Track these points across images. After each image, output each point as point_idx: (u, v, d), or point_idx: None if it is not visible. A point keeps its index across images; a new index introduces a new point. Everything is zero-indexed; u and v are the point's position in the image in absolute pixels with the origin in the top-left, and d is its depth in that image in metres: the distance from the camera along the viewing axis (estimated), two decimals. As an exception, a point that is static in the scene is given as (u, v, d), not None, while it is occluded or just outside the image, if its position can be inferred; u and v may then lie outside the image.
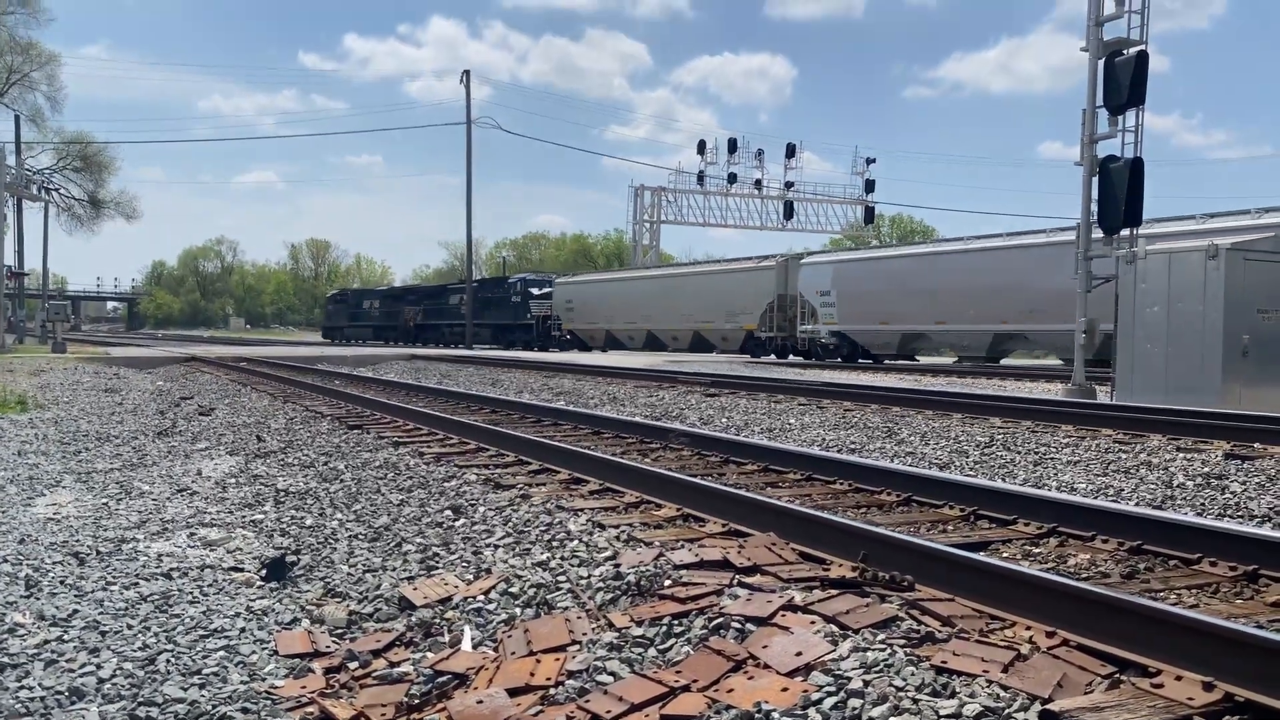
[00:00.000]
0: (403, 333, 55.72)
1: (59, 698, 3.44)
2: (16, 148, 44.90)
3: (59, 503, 7.03)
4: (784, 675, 3.05)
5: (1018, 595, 3.47)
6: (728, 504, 5.15)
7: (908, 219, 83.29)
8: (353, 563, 5.18)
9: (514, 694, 3.27)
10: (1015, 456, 8.40)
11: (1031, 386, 18.23)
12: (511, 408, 12.52)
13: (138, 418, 13.06)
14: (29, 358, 29.20)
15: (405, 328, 55.65)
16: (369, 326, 60.89)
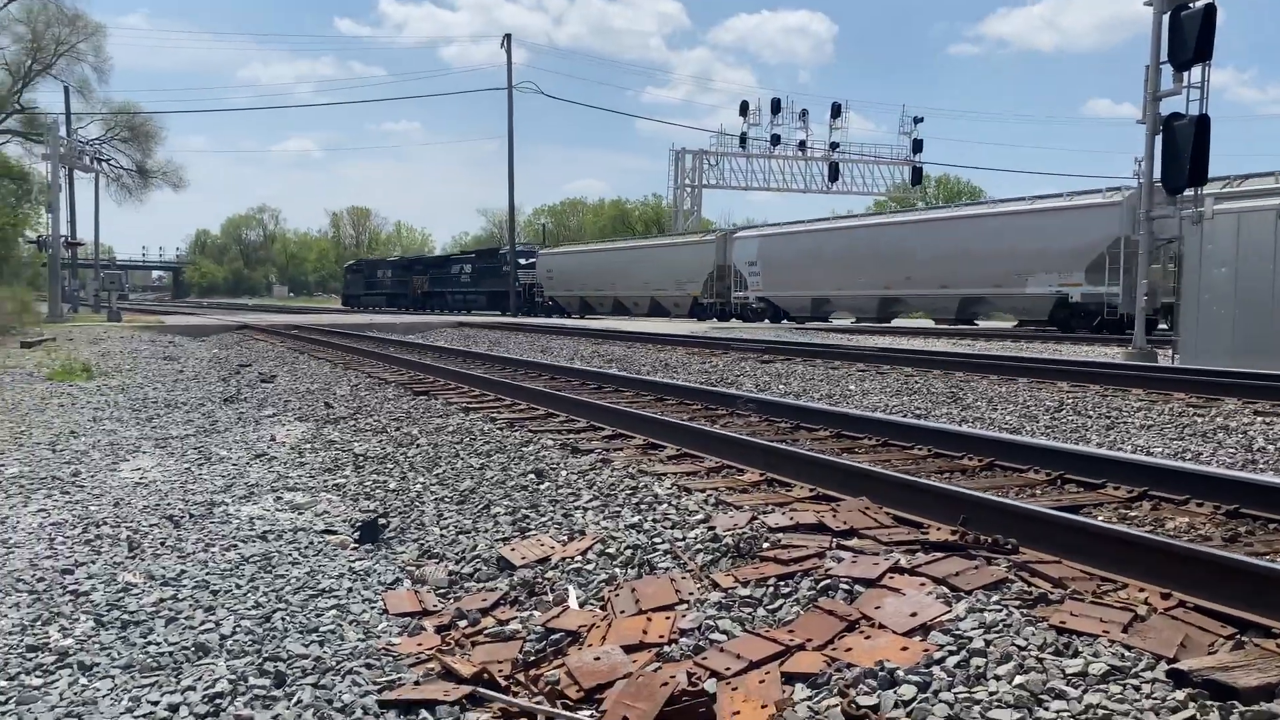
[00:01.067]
0: (411, 299, 59.53)
1: (185, 653, 3.56)
2: (66, 119, 45.54)
3: (143, 467, 7.21)
4: (901, 635, 3.08)
5: (1127, 557, 3.47)
6: (814, 469, 5.17)
7: (954, 180, 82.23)
8: (444, 525, 5.28)
9: (629, 650, 3.33)
10: (1087, 421, 8.33)
11: (1089, 350, 18.01)
12: (570, 374, 12.60)
13: (201, 385, 13.31)
14: (86, 326, 29.80)
15: (414, 295, 59.49)
16: (382, 294, 64.98)
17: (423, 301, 58.22)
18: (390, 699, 3.10)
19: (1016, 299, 27.00)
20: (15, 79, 48.44)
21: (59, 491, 6.25)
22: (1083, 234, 24.52)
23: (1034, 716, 2.55)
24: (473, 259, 55.70)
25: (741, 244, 37.09)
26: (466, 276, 54.42)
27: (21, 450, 7.70)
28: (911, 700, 2.70)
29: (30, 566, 4.59)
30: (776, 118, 52.02)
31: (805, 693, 2.88)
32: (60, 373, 14.03)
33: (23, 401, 10.89)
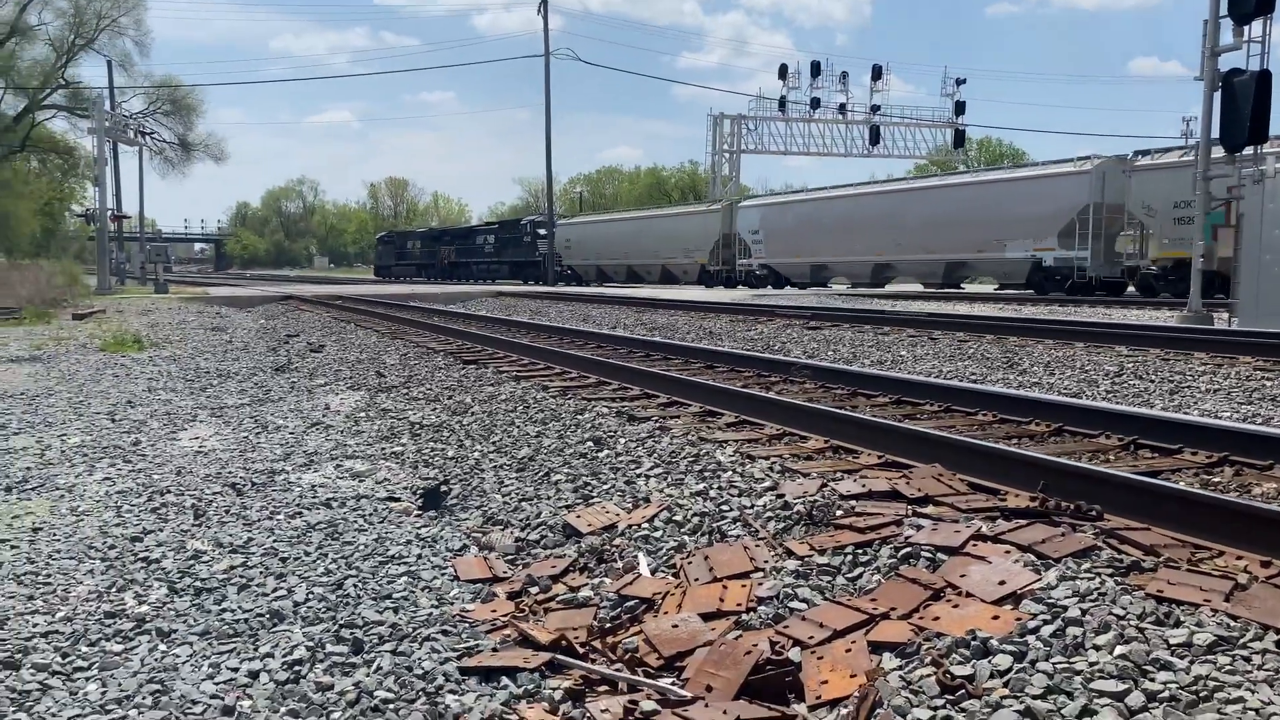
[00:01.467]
0: (439, 269, 61.60)
1: (260, 619, 3.56)
2: (110, 92, 45.95)
3: (201, 436, 7.26)
4: (991, 604, 3.01)
5: (1220, 524, 3.36)
6: (882, 435, 5.08)
7: (996, 142, 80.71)
8: (505, 492, 5.26)
9: (707, 618, 3.29)
10: (1149, 385, 8.15)
11: (1139, 314, 17.64)
12: (616, 342, 12.54)
13: (251, 355, 13.42)
14: (134, 298, 30.19)
15: (441, 265, 61.47)
16: (412, 264, 67.16)
17: (449, 271, 60.05)
18: (470, 665, 3.08)
19: (996, 263, 28.33)
20: (59, 54, 48.86)
21: (122, 460, 6.31)
22: (1055, 201, 25.80)
23: (1140, 688, 2.46)
24: (496, 230, 57.80)
25: (745, 213, 38.77)
26: (490, 247, 56.23)
27: (82, 420, 7.79)
28: (1008, 670, 2.63)
29: (101, 534, 4.63)
30: (816, 81, 51.22)
31: (895, 662, 2.81)
32: (113, 344, 14.21)
33: (79, 372, 11.03)
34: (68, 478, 5.78)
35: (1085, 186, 25.15)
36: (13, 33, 46.88)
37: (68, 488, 5.54)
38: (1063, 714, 2.42)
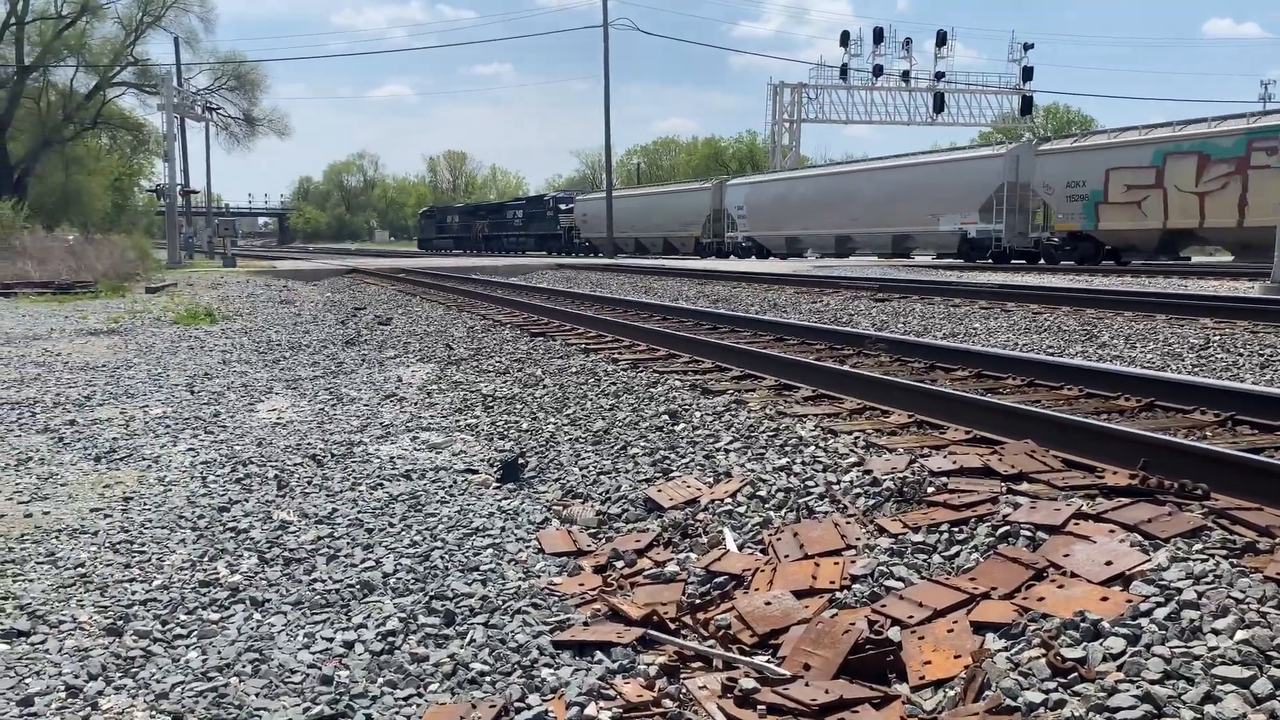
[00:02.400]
0: (474, 242, 66.10)
1: (351, 590, 3.59)
2: (177, 70, 46.70)
3: (278, 408, 7.36)
4: (1099, 584, 2.91)
5: (1339, 505, 3.22)
6: (969, 410, 4.97)
7: (1063, 109, 78.55)
8: (582, 465, 5.25)
9: (799, 596, 3.24)
10: (1237, 359, 7.88)
11: (1218, 285, 17.11)
12: (681, 314, 12.48)
13: (320, 327, 13.59)
14: (203, 272, 30.79)
15: (476, 238, 66.16)
16: (450, 237, 71.80)
17: (483, 243, 64.64)
18: (563, 640, 3.07)
19: (933, 235, 32.41)
20: (128, 32, 49.70)
21: (203, 431, 6.43)
22: (977, 181, 30.01)
23: (1265, 674, 2.36)
24: (523, 205, 62.74)
25: (732, 191, 43.22)
26: (519, 221, 60.83)
27: (162, 392, 7.95)
28: (1121, 654, 2.54)
29: (189, 504, 4.71)
30: (879, 48, 50.31)
31: (1000, 643, 2.74)
32: (186, 317, 14.50)
33: (155, 345, 11.27)
34: (153, 448, 5.89)
35: (1000, 169, 29.30)
36: (84, 11, 47.78)
37: (154, 458, 5.65)
38: (1184, 700, 2.33)
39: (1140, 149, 25.03)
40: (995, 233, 29.36)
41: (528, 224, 59.88)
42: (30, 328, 13.11)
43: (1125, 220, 25.27)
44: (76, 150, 51.00)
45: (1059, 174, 27.13)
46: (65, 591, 3.58)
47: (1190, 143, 23.92)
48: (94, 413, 7.00)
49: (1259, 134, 22.38)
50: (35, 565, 3.85)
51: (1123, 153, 25.53)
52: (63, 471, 5.31)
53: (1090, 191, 26.14)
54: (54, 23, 47.54)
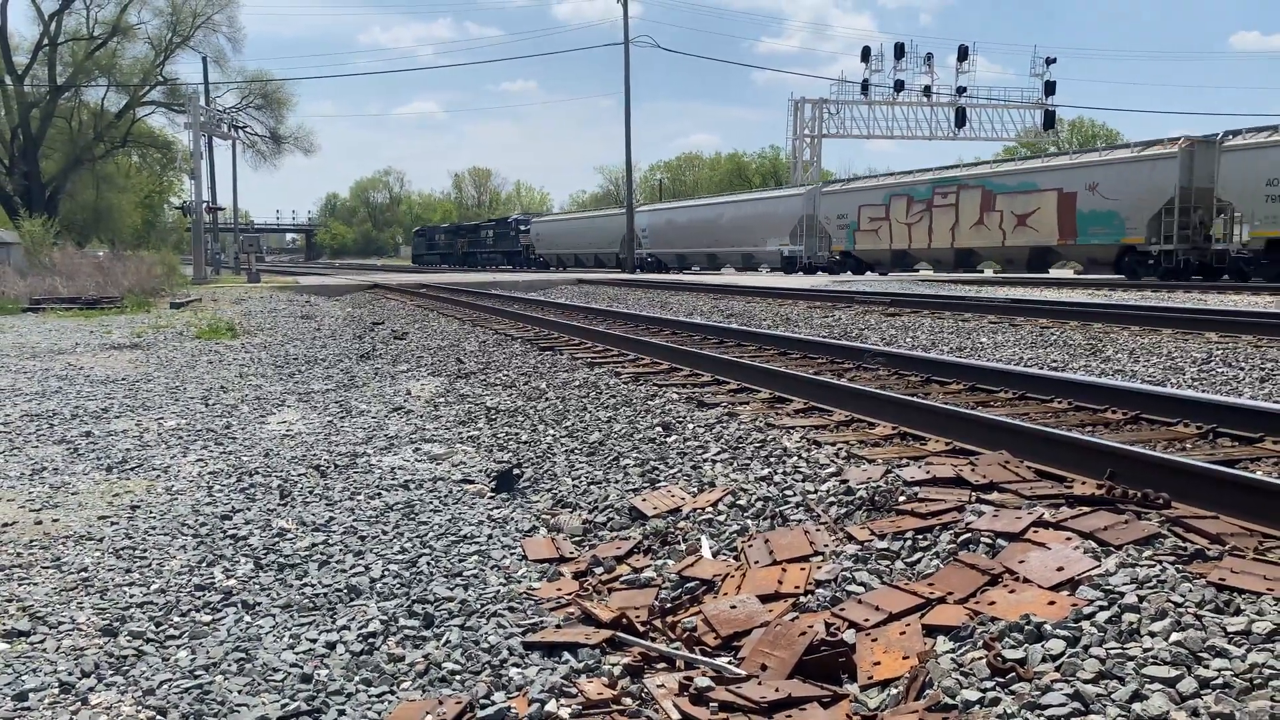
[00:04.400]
0: (456, 258, 75.35)
1: (339, 594, 3.74)
2: (205, 88, 47.50)
3: (288, 420, 7.55)
4: (1048, 589, 3.01)
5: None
6: (949, 422, 5.06)
7: (1088, 123, 78.16)
8: (575, 475, 5.38)
9: (765, 600, 3.35)
10: (1239, 374, 7.91)
11: (1236, 299, 17.04)
12: (691, 329, 12.61)
13: (338, 342, 13.83)
14: (228, 288, 31.26)
15: (458, 254, 75.57)
16: (438, 254, 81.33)
17: (463, 259, 74.10)
18: (534, 641, 3.20)
19: (764, 254, 42.68)
20: (158, 52, 50.57)
21: (214, 442, 6.61)
22: (787, 214, 40.86)
23: (1193, 674, 2.46)
24: (494, 226, 73.38)
25: (639, 216, 52.11)
26: (490, 240, 71.14)
27: (178, 404, 8.16)
28: (1060, 654, 2.64)
29: (193, 512, 4.88)
30: (900, 63, 50.31)
31: (948, 645, 2.84)
32: (207, 331, 14.78)
33: (175, 359, 11.53)
34: (164, 459, 6.08)
35: (800, 205, 39.84)
36: (114, 32, 48.70)
37: (163, 468, 5.84)
38: (1113, 698, 2.43)
39: (877, 192, 35.85)
40: (799, 252, 40.00)
41: (497, 242, 69.70)
42: (56, 342, 13.42)
43: (870, 243, 36.02)
44: (107, 168, 51.90)
45: (833, 210, 37.88)
46: (67, 595, 3.75)
47: (902, 188, 34.56)
48: (110, 424, 7.21)
49: (938, 183, 32.97)
50: (40, 570, 4.02)
51: (867, 194, 36.35)
52: (75, 481, 5.51)
53: (850, 222, 36.83)
54: (85, 43, 48.47)
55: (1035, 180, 29.32)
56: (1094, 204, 27.00)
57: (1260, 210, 22.72)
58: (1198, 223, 24.70)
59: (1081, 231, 27.59)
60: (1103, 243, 27.17)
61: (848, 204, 36.96)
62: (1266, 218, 22.60)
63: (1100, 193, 26.78)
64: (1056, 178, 28.53)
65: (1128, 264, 26.52)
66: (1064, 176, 28.31)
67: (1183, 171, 24.63)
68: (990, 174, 31.68)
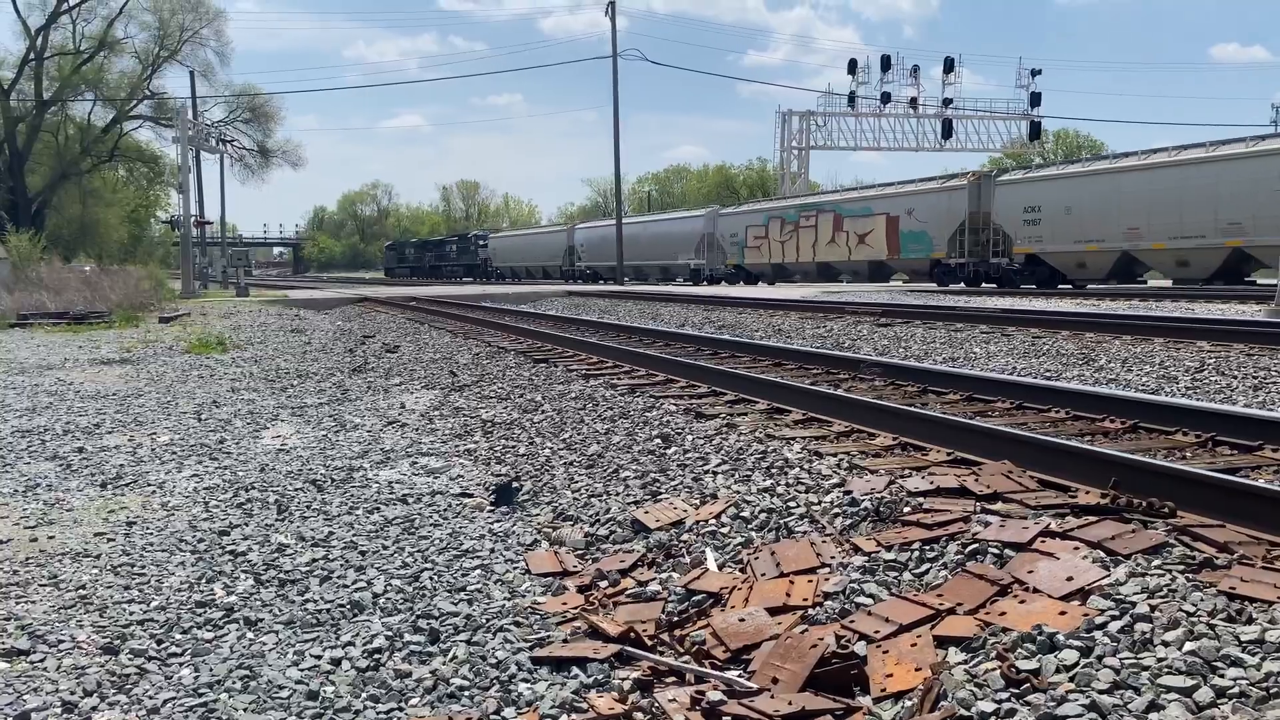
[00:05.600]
0: (424, 270, 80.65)
1: (341, 610, 3.71)
2: (192, 103, 47.34)
3: (282, 435, 7.51)
4: (1058, 599, 3.00)
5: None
6: (951, 432, 5.06)
7: (1074, 133, 78.65)
8: (575, 488, 5.36)
9: (773, 613, 3.34)
10: (1231, 382, 7.94)
11: (1225, 308, 17.14)
12: (684, 340, 12.60)
13: (329, 355, 13.78)
14: (217, 301, 31.13)
15: (425, 267, 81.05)
16: (408, 267, 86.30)
17: (430, 271, 79.26)
18: (542, 656, 3.17)
19: (676, 266, 47.96)
20: (145, 66, 50.49)
21: (208, 458, 6.57)
22: (692, 233, 46.91)
23: (1208, 684, 2.45)
24: (456, 241, 78.96)
25: (577, 233, 58.38)
26: (453, 254, 76.40)
27: (171, 419, 8.10)
28: (1074, 665, 2.63)
29: (190, 528, 4.84)
30: (886, 75, 50.56)
31: (960, 656, 2.83)
32: (197, 346, 14.70)
33: (166, 373, 11.46)
34: (158, 474, 6.03)
35: (702, 225, 46.17)
36: (101, 46, 48.61)
37: (159, 484, 5.79)
38: (1129, 709, 2.42)
39: (759, 214, 42.80)
40: (703, 264, 45.48)
41: (459, 255, 75.00)
42: (44, 357, 13.33)
43: (755, 258, 42.40)
44: (93, 182, 51.73)
45: (728, 229, 44.41)
46: (66, 612, 3.71)
47: (777, 211, 41.36)
48: (102, 440, 7.15)
49: (803, 208, 39.84)
50: (38, 587, 3.97)
51: (752, 217, 43.27)
52: (69, 497, 5.45)
53: (739, 240, 43.13)
54: (72, 58, 48.37)
55: (871, 206, 35.71)
56: (912, 226, 33.34)
57: (1021, 231, 29.22)
58: (984, 240, 30.88)
59: (904, 248, 33.97)
60: (918, 257, 33.43)
61: (738, 224, 43.99)
62: (1025, 237, 29.08)
63: (915, 217, 33.19)
64: (885, 204, 34.83)
65: (936, 274, 32.46)
66: (890, 203, 34.59)
67: (971, 200, 30.98)
68: (840, 201, 38.59)
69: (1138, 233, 25.54)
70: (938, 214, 32.13)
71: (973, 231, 30.92)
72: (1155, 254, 25.93)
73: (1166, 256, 25.64)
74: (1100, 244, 26.67)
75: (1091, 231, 26.79)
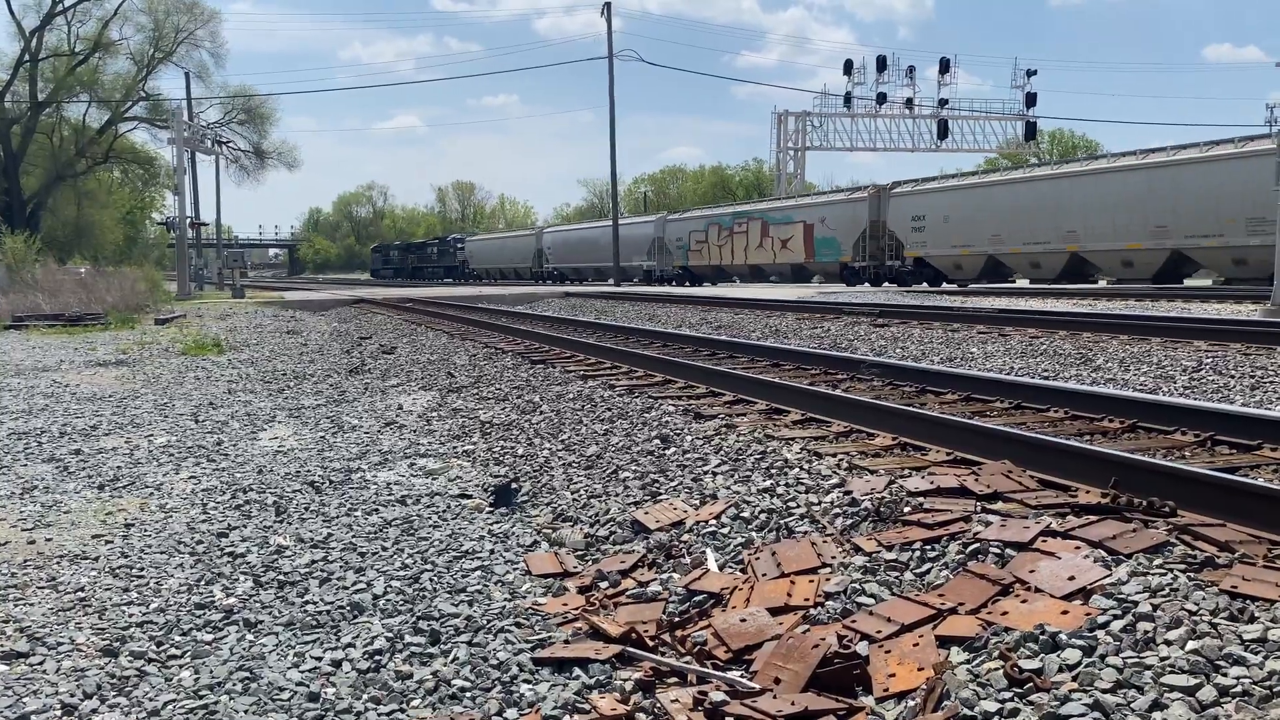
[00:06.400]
0: (408, 271, 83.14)
1: (342, 612, 3.70)
2: (188, 104, 47.27)
3: (280, 436, 7.49)
4: (1060, 599, 3.00)
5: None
6: (950, 432, 5.06)
7: (1069, 134, 78.75)
8: (574, 489, 5.35)
9: (774, 613, 3.33)
10: (1229, 381, 7.95)
11: (1220, 308, 17.16)
12: (681, 341, 12.60)
13: (325, 357, 13.76)
14: (213, 303, 31.07)
15: (408, 269, 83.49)
16: (392, 268, 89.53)
17: (412, 273, 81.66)
18: (543, 657, 3.16)
19: (631, 268, 49.90)
20: (140, 67, 50.41)
21: (206, 459, 6.55)
22: (643, 237, 49.89)
23: (1212, 683, 2.45)
24: (437, 244, 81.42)
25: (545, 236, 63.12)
26: (434, 256, 79.06)
27: (167, 421, 8.08)
28: (1077, 664, 2.63)
29: (189, 530, 4.83)
30: (882, 76, 50.64)
31: (962, 656, 2.83)
32: (194, 347, 14.68)
33: (162, 375, 11.44)
34: (156, 476, 6.02)
35: (652, 230, 49.69)
36: (96, 48, 48.52)
37: (156, 486, 5.78)
38: (1132, 708, 2.42)
39: (700, 220, 46.66)
40: (655, 266, 49.13)
41: (440, 257, 77.72)
42: (40, 359, 13.30)
43: (697, 260, 46.07)
44: (89, 184, 51.64)
45: (674, 234, 48.02)
46: (65, 615, 3.69)
47: (716, 218, 45.35)
48: (99, 442, 7.13)
49: (736, 215, 44.04)
50: (36, 590, 3.96)
51: (694, 223, 46.95)
52: (66, 499, 5.44)
53: (684, 244, 46.91)
54: (67, 60, 48.27)
55: (791, 215, 40.01)
56: (824, 233, 37.56)
57: (910, 237, 33.58)
58: (882, 246, 35.05)
59: (818, 252, 38.23)
60: (830, 260, 37.65)
61: (683, 229, 47.62)
62: (913, 242, 33.47)
63: (827, 225, 37.42)
64: (803, 213, 39.21)
65: (845, 275, 36.61)
66: (807, 213, 39.03)
67: (872, 210, 35.18)
68: (767, 210, 42.74)
69: (1000, 239, 29.93)
70: (845, 222, 36.52)
71: (873, 238, 35.29)
72: (1014, 257, 30.05)
73: (1022, 259, 29.85)
74: (971, 248, 31.10)
75: (965, 238, 31.13)
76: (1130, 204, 25.50)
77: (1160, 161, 25.63)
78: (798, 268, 40.13)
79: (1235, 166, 23.38)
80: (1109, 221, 26.25)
